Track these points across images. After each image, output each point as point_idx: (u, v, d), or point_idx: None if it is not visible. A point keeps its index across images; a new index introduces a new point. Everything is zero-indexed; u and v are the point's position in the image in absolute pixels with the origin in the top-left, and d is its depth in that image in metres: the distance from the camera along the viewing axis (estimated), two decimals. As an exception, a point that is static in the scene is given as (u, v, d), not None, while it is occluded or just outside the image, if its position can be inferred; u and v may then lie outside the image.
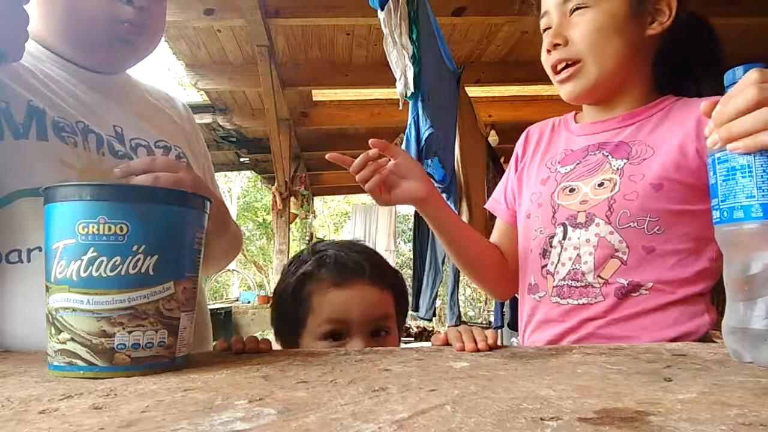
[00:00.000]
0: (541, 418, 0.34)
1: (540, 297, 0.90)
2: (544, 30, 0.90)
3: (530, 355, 0.61)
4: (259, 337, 0.70)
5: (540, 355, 0.61)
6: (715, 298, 0.83)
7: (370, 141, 0.88)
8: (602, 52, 0.84)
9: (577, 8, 0.85)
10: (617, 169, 0.84)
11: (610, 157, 0.87)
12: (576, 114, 1.01)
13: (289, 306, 0.89)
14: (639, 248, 0.80)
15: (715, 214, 0.54)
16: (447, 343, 0.71)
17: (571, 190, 0.88)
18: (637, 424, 0.33)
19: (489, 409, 0.36)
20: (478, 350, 0.65)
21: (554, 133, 1.01)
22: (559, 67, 0.88)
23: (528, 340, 0.93)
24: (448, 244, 0.99)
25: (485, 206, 1.14)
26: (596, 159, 0.88)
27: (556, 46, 0.87)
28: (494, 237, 1.06)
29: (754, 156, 0.50)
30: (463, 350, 0.65)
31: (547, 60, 0.90)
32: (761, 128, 0.49)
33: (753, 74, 0.51)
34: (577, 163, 0.90)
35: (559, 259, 0.87)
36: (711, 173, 0.55)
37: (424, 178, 0.93)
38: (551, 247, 0.88)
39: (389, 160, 0.90)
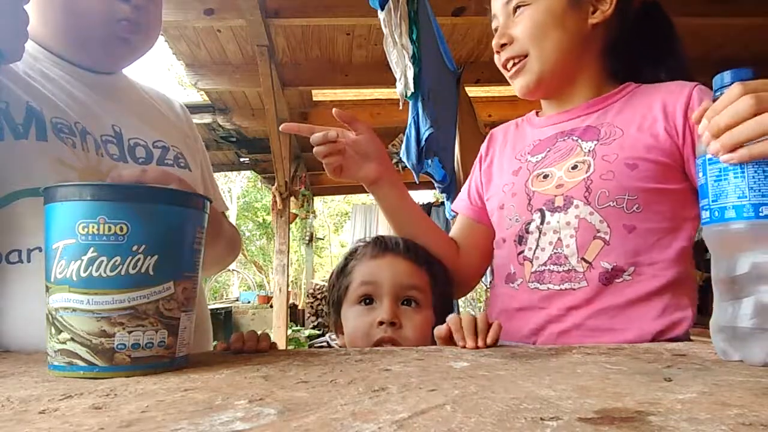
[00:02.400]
0: (541, 418, 0.34)
1: (518, 285, 0.90)
2: (495, 31, 0.94)
3: (530, 355, 0.61)
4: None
5: (540, 355, 0.61)
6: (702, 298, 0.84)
7: (333, 111, 0.90)
8: (543, 45, 0.87)
9: (518, 6, 0.89)
10: (589, 150, 0.86)
11: (579, 140, 0.88)
12: (537, 112, 1.03)
13: (334, 284, 0.97)
14: (620, 227, 0.81)
15: (705, 214, 0.55)
16: (449, 335, 0.71)
17: (545, 177, 0.89)
18: (637, 424, 0.33)
19: (489, 409, 0.36)
20: (477, 348, 0.66)
21: (519, 130, 1.04)
22: (508, 66, 0.92)
23: (509, 327, 0.89)
24: (396, 230, 1.00)
25: (452, 207, 1.15)
26: (566, 144, 0.90)
27: (503, 46, 0.91)
28: (453, 231, 1.08)
29: None
30: (465, 347, 0.66)
31: (498, 60, 0.94)
32: (755, 137, 0.49)
33: (747, 85, 0.51)
34: (548, 150, 0.92)
35: (537, 245, 0.87)
36: (701, 174, 0.55)
37: (380, 159, 0.94)
38: (527, 233, 0.89)
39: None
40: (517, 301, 0.89)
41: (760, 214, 0.49)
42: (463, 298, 6.60)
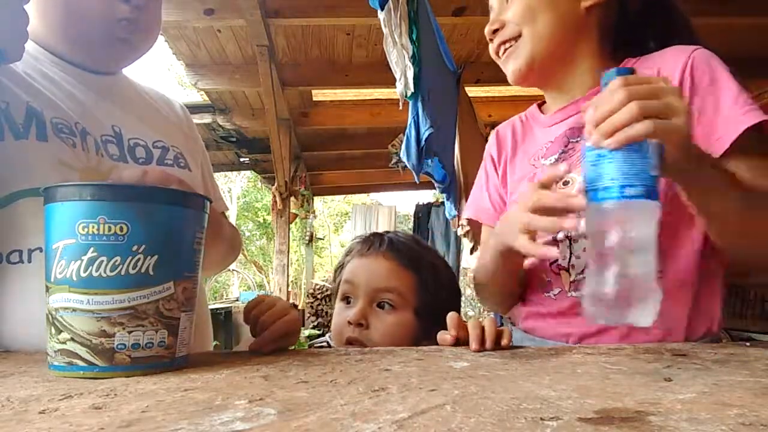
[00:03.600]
0: (541, 418, 0.34)
1: (555, 294, 0.86)
2: None
3: (530, 355, 0.61)
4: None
5: (540, 355, 0.61)
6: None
7: None
8: (534, 26, 0.86)
9: None
10: None
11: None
12: (540, 105, 1.00)
13: (334, 278, 1.01)
14: None
15: (587, 194, 0.61)
16: (456, 338, 0.70)
17: (565, 183, 0.86)
18: (637, 424, 0.33)
19: (489, 409, 0.36)
20: (480, 347, 0.65)
21: (525, 129, 1.00)
22: (500, 52, 0.90)
23: (545, 325, 0.87)
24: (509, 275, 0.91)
25: (466, 216, 1.09)
26: (581, 145, 0.87)
27: (495, 32, 0.89)
28: (483, 243, 1.01)
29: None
30: (476, 350, 0.65)
31: (492, 49, 0.92)
32: (627, 123, 0.54)
33: (625, 80, 0.57)
34: (562, 152, 0.89)
35: (570, 253, 0.84)
36: (584, 160, 0.61)
37: None
38: (556, 242, 0.85)
39: None
40: (555, 307, 0.86)
41: (624, 194, 0.55)
42: (463, 298, 6.60)
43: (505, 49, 0.89)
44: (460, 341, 0.70)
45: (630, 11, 0.90)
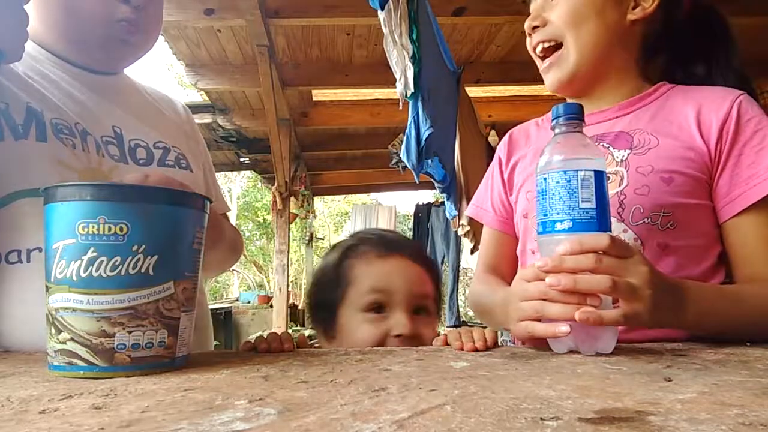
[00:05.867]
0: (541, 418, 0.34)
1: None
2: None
3: (530, 355, 0.61)
4: (264, 335, 0.70)
5: (540, 355, 0.61)
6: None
7: None
8: (579, 33, 0.84)
9: None
10: (621, 160, 0.81)
11: (611, 148, 0.83)
12: None
13: (328, 281, 0.88)
14: (654, 245, 0.77)
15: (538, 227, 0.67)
16: (447, 344, 0.71)
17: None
18: (637, 424, 0.33)
19: (489, 409, 0.36)
20: (477, 350, 0.66)
21: (540, 131, 0.99)
22: (538, 50, 0.88)
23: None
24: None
25: (468, 214, 1.10)
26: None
27: (535, 28, 0.88)
28: (489, 255, 1.01)
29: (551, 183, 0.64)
30: (462, 349, 0.66)
31: (529, 43, 0.90)
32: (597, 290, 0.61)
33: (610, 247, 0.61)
34: None
35: None
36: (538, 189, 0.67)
37: None
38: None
39: None
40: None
41: (547, 229, 0.64)
42: (462, 298, 6.60)
43: (544, 49, 0.87)
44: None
45: (674, 27, 0.88)
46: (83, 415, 0.36)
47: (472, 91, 3.78)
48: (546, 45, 0.87)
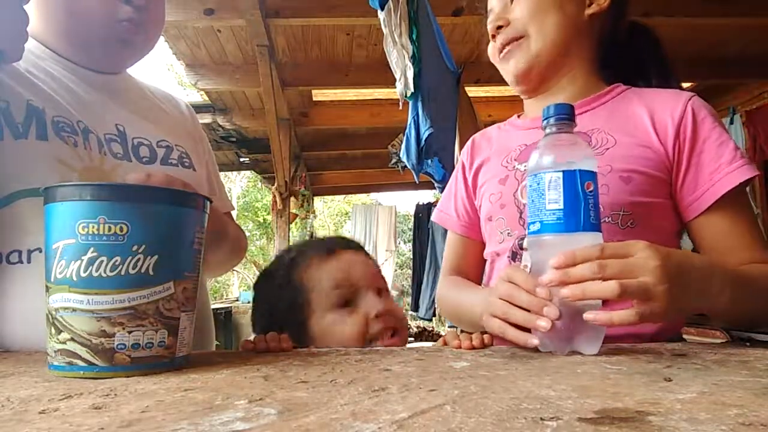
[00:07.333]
0: (541, 418, 0.34)
1: None
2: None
3: (530, 355, 0.61)
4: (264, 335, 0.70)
5: (540, 355, 0.61)
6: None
7: None
8: (543, 24, 0.86)
9: None
10: None
11: None
12: (519, 115, 1.01)
13: (286, 301, 0.86)
14: None
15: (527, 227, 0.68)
16: (446, 344, 0.71)
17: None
18: (637, 424, 0.33)
19: (489, 409, 0.36)
20: (474, 348, 0.66)
21: (503, 134, 1.00)
22: (503, 51, 0.90)
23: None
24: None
25: (432, 219, 1.12)
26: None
27: (499, 29, 0.90)
28: (452, 258, 1.03)
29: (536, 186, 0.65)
30: (460, 347, 0.66)
31: (493, 49, 0.92)
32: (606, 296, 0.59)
33: (597, 251, 0.60)
34: None
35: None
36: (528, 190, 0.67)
37: None
38: (522, 249, 0.85)
39: None
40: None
41: (532, 229, 0.65)
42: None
43: (509, 50, 0.89)
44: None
45: (621, 29, 0.92)
46: (83, 415, 0.36)
47: (472, 91, 3.78)
48: (510, 47, 0.89)
